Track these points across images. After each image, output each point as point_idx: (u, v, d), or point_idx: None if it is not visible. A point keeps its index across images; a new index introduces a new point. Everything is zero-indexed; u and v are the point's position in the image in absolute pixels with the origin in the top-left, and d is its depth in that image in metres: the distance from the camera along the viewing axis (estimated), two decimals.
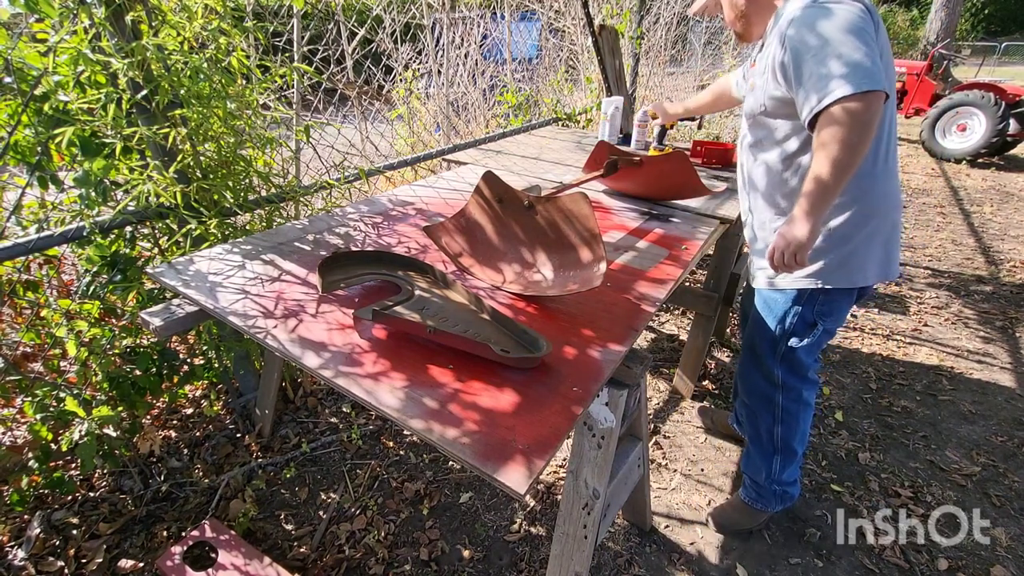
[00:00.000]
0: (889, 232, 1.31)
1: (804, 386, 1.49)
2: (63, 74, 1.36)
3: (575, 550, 1.23)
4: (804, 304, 1.37)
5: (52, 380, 1.55)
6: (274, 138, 1.71)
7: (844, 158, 1.06)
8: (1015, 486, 1.85)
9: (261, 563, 1.46)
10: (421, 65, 3.26)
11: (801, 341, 1.41)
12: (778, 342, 1.44)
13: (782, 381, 1.48)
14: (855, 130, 1.05)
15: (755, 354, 1.52)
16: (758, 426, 1.57)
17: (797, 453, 1.56)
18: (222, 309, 1.12)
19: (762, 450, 1.59)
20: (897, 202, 1.31)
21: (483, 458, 0.78)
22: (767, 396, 1.52)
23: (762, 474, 1.60)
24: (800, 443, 1.55)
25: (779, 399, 1.50)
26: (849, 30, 1.08)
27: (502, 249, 1.36)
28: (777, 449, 1.55)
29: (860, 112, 1.04)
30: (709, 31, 6.39)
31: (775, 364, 1.47)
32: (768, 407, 1.53)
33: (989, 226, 4.37)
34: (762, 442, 1.58)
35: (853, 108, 1.04)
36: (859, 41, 1.06)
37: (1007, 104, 5.70)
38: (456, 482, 1.82)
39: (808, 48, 1.10)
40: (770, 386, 1.50)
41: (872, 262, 1.31)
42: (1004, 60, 17.17)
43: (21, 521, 1.57)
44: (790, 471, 1.58)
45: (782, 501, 1.63)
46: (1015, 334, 2.79)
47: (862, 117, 1.04)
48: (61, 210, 1.51)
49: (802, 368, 1.46)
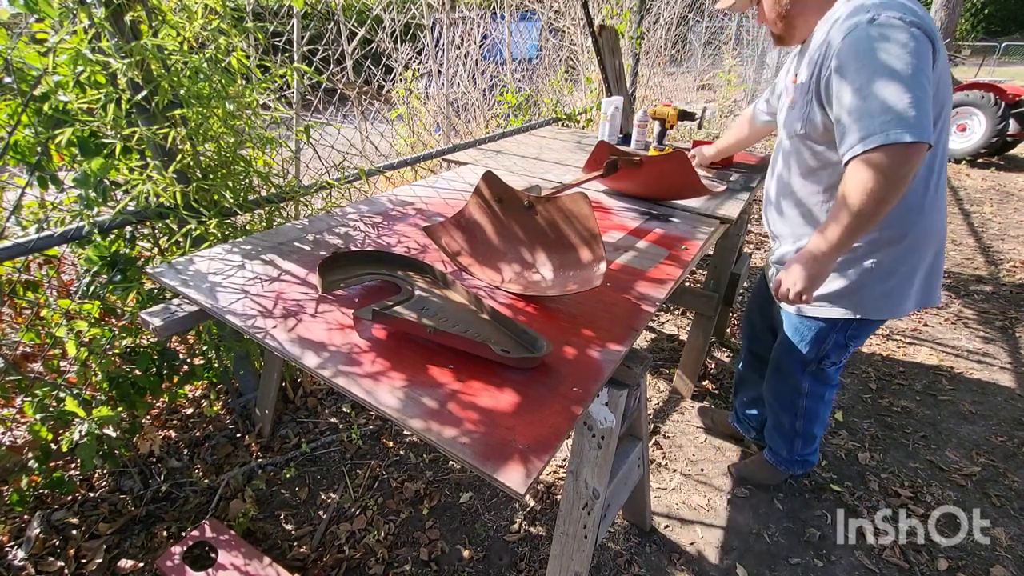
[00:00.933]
0: (932, 263, 1.27)
1: (827, 391, 1.56)
2: (63, 74, 1.35)
3: (575, 550, 1.23)
4: (838, 332, 1.37)
5: (52, 380, 1.55)
6: (274, 138, 1.71)
7: (868, 209, 1.02)
8: (1015, 486, 1.85)
9: (261, 563, 1.46)
10: (421, 65, 3.26)
11: (834, 363, 1.47)
12: (809, 364, 1.47)
13: (809, 390, 1.54)
14: (886, 184, 0.99)
15: (782, 371, 1.56)
16: (780, 419, 1.67)
17: (817, 437, 1.68)
18: (222, 309, 1.12)
19: (783, 435, 1.69)
20: (943, 235, 1.27)
21: (483, 458, 0.77)
22: (791, 401, 1.59)
23: (783, 451, 1.72)
24: (820, 428, 1.65)
25: (803, 403, 1.58)
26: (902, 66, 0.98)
27: (502, 249, 1.36)
28: (798, 434, 1.66)
29: (895, 166, 0.98)
30: (709, 31, 6.39)
31: (803, 379, 1.53)
32: (791, 409, 1.61)
33: (989, 226, 4.37)
34: (784, 430, 1.68)
35: (888, 161, 0.98)
36: (911, 81, 0.97)
37: (1007, 104, 5.70)
38: (456, 482, 1.82)
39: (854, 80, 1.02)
40: (796, 394, 1.57)
41: (912, 294, 1.28)
42: (1004, 60, 17.18)
43: (21, 521, 1.57)
44: (810, 449, 1.71)
45: (802, 467, 1.76)
46: (1015, 334, 2.79)
47: (897, 172, 0.98)
48: (61, 210, 1.51)
49: (828, 379, 1.53)
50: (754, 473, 1.84)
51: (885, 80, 0.98)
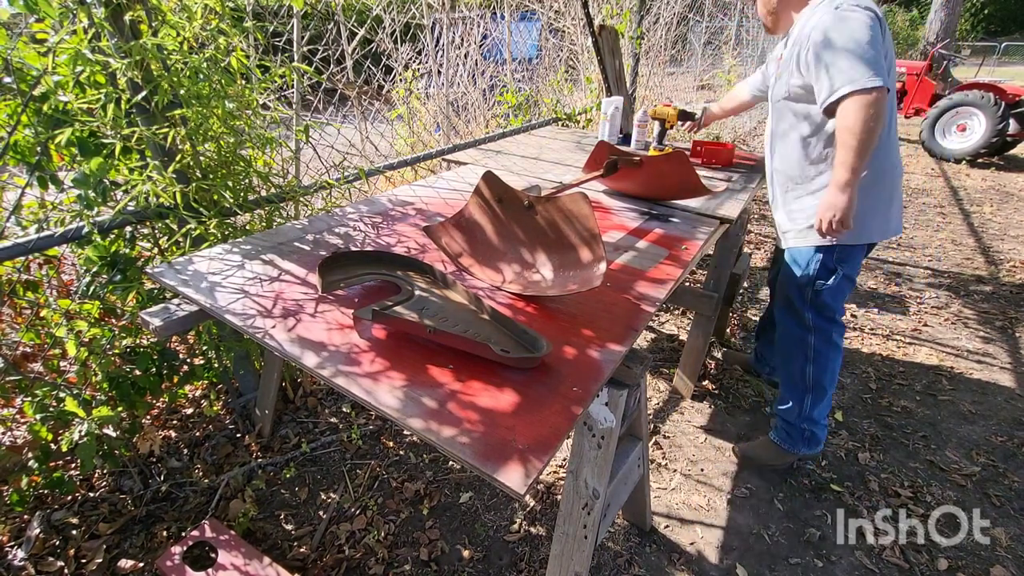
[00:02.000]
0: (891, 194, 1.56)
1: (833, 328, 1.68)
2: (62, 74, 1.35)
3: (575, 550, 1.23)
4: (824, 253, 1.59)
5: (52, 380, 1.55)
6: (274, 138, 1.71)
7: (864, 135, 1.32)
8: (1015, 486, 1.85)
9: (261, 563, 1.46)
10: (421, 65, 3.25)
11: (826, 283, 1.62)
12: (805, 287, 1.65)
13: (813, 323, 1.67)
14: (867, 115, 1.31)
15: (789, 301, 1.71)
16: (791, 368, 1.75)
17: (827, 392, 1.74)
18: (221, 309, 1.12)
19: (794, 389, 1.76)
20: (899, 171, 1.59)
21: (483, 458, 0.77)
22: (800, 339, 1.71)
23: (794, 412, 1.77)
24: (830, 383, 1.73)
25: (811, 340, 1.69)
26: (861, 35, 1.32)
27: (502, 249, 1.36)
28: (808, 388, 1.73)
29: (871, 103, 1.31)
30: (709, 31, 6.39)
31: (805, 308, 1.67)
32: (801, 348, 1.71)
33: (989, 226, 4.37)
34: (795, 382, 1.75)
35: (865, 99, 1.31)
36: (868, 45, 1.32)
37: (1007, 104, 5.70)
38: (456, 482, 1.82)
39: (827, 48, 1.36)
40: (803, 330, 1.70)
41: (877, 221, 1.54)
42: (1004, 60, 17.18)
43: (21, 521, 1.57)
44: (819, 410, 1.75)
45: (809, 445, 1.80)
46: (1015, 334, 2.79)
47: (874, 106, 1.31)
48: (61, 210, 1.51)
49: (829, 310, 1.65)
50: (759, 453, 1.88)
51: (851, 45, 1.33)
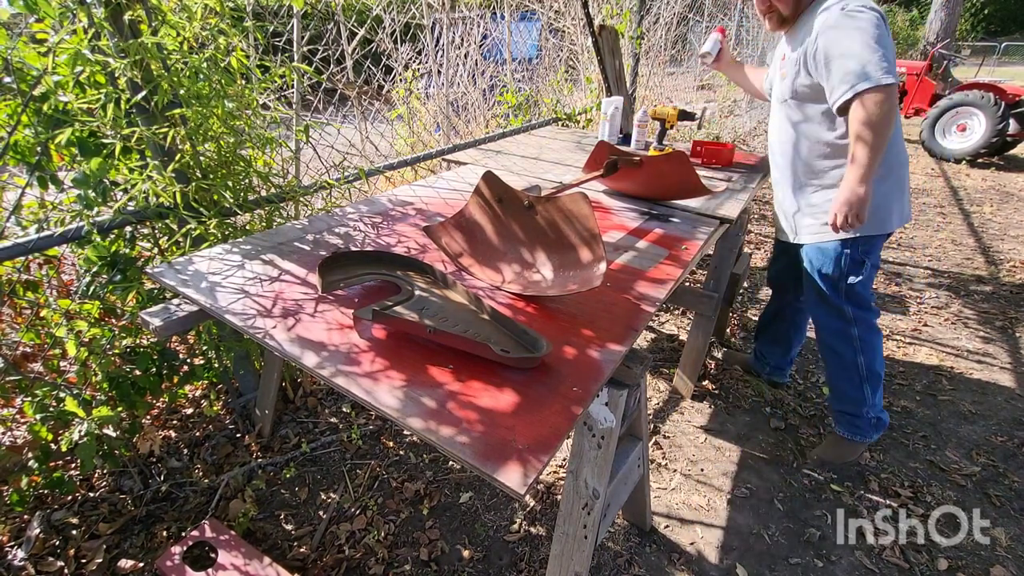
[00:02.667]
0: (903, 184, 1.62)
1: (871, 315, 1.73)
2: (62, 74, 1.35)
3: (575, 550, 1.23)
4: (850, 247, 1.63)
5: (52, 380, 1.55)
6: (274, 138, 1.71)
7: (879, 133, 1.36)
8: (1015, 486, 1.85)
9: (261, 563, 1.46)
10: (421, 65, 3.25)
11: (857, 277, 1.66)
12: (838, 282, 1.69)
13: (853, 315, 1.71)
14: (882, 112, 1.34)
15: (822, 298, 1.74)
16: (843, 362, 1.78)
17: (881, 376, 1.79)
18: (221, 309, 1.12)
19: (852, 383, 1.79)
20: (906, 158, 1.63)
21: (483, 458, 0.77)
22: (843, 332, 1.74)
23: (861, 406, 1.80)
24: (881, 366, 1.78)
25: (855, 332, 1.73)
26: (870, 33, 1.35)
27: (502, 249, 1.36)
28: (864, 377, 1.76)
29: (884, 99, 1.34)
30: (709, 31, 6.39)
31: (842, 302, 1.71)
32: (847, 341, 1.75)
33: (989, 226, 4.37)
34: (850, 375, 1.78)
35: (879, 96, 1.34)
36: (877, 43, 1.34)
37: (1007, 104, 5.69)
38: (456, 482, 1.82)
39: (836, 47, 1.39)
40: (844, 322, 1.73)
41: (895, 209, 1.60)
42: (1004, 60, 17.17)
43: (21, 521, 1.57)
44: (879, 394, 1.81)
45: (877, 428, 1.84)
46: (1015, 334, 2.79)
47: (887, 102, 1.34)
48: (61, 210, 1.51)
49: (864, 300, 1.71)
50: (835, 453, 1.90)
51: (862, 43, 1.35)
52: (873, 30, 1.35)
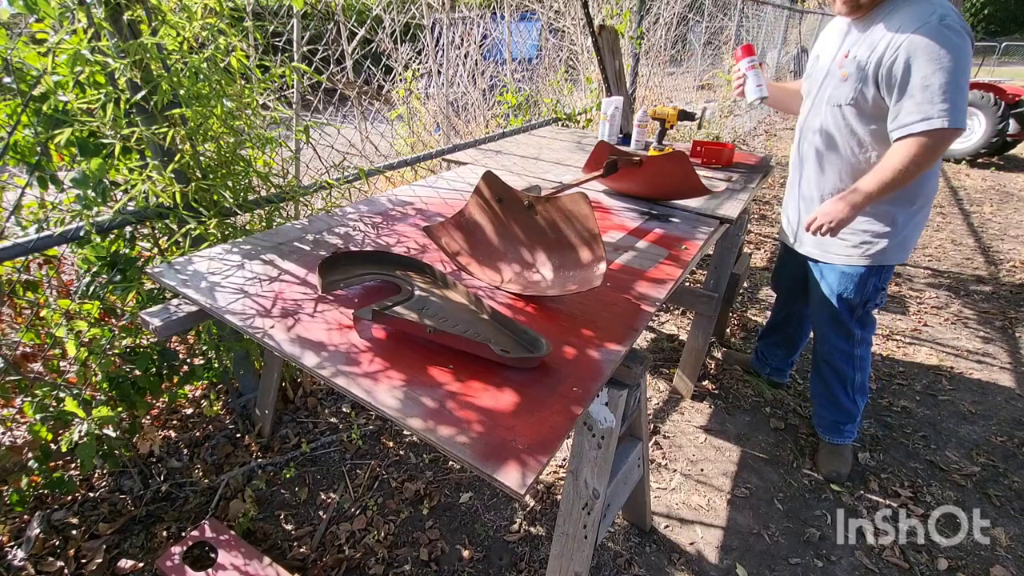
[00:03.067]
0: (928, 216, 1.62)
1: (871, 334, 1.78)
2: (62, 74, 1.35)
3: (575, 550, 1.23)
4: (876, 275, 1.63)
5: (52, 380, 1.55)
6: (274, 138, 1.71)
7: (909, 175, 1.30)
8: (1015, 486, 1.85)
9: (261, 563, 1.46)
10: (421, 65, 3.25)
11: (876, 303, 1.68)
12: (857, 308, 1.68)
13: (860, 337, 1.74)
14: (928, 157, 1.27)
15: (836, 320, 1.73)
16: (842, 380, 1.81)
17: (867, 384, 1.85)
18: (221, 309, 1.12)
19: (847, 396, 1.82)
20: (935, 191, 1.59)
21: (483, 458, 0.77)
22: (848, 352, 1.76)
23: (856, 417, 1.85)
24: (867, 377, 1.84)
25: (858, 352, 1.76)
26: (961, 65, 1.23)
27: (502, 249, 1.36)
28: (857, 389, 1.82)
29: (939, 145, 1.26)
30: (709, 31, 6.39)
31: (855, 325, 1.72)
32: (850, 361, 1.77)
33: (989, 226, 4.37)
34: (847, 393, 1.82)
35: (935, 141, 1.25)
36: (962, 79, 1.23)
37: (1007, 104, 5.69)
38: (456, 482, 1.82)
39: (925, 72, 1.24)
40: (849, 343, 1.75)
41: (914, 242, 1.60)
42: (1004, 60, 17.19)
43: (21, 521, 1.57)
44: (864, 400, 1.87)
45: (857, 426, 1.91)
46: (1015, 334, 2.79)
47: (939, 149, 1.27)
48: (61, 210, 1.51)
49: (872, 323, 1.75)
50: (832, 464, 1.89)
51: (946, 76, 1.22)
52: (966, 67, 1.24)
